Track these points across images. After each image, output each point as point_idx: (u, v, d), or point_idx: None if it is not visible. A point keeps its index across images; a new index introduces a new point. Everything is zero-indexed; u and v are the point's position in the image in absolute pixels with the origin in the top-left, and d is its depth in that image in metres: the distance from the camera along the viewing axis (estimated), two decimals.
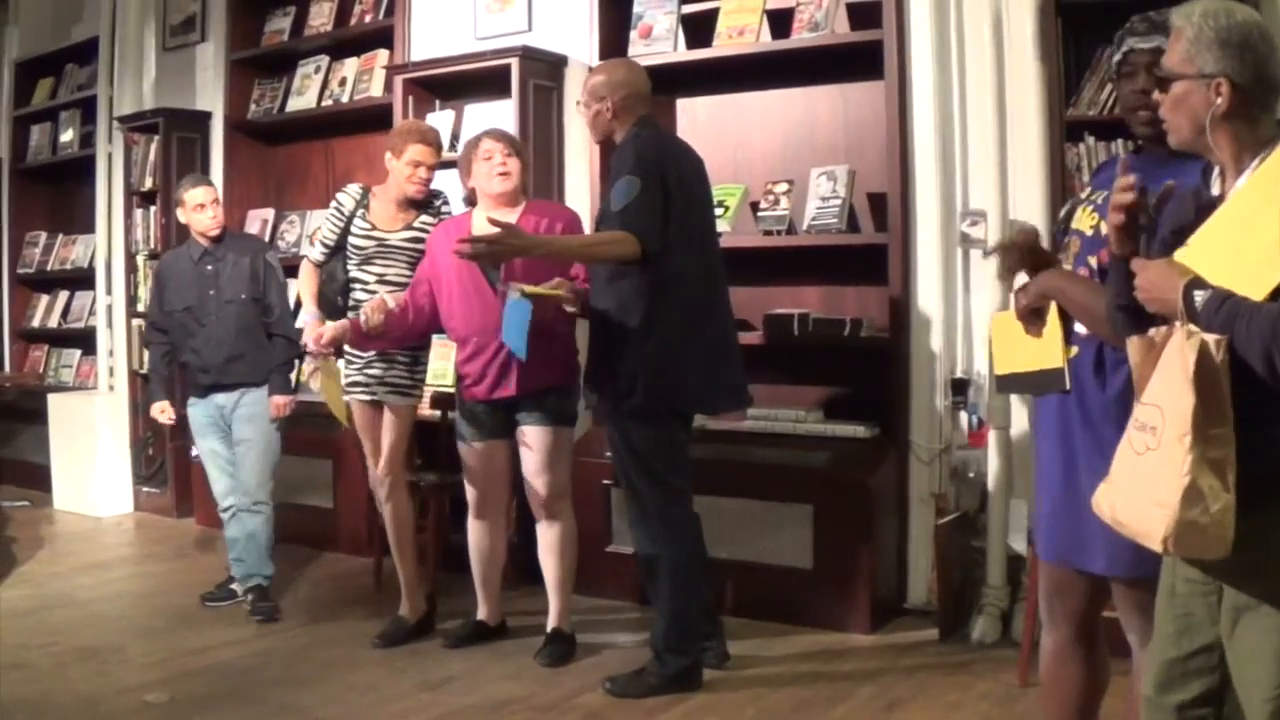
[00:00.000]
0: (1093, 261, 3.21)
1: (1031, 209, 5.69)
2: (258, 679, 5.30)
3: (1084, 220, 3.30)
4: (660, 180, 4.84)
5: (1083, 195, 3.47)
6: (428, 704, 4.99)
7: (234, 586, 6.48)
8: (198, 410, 6.46)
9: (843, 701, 4.97)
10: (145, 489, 8.89)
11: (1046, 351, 3.28)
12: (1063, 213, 3.61)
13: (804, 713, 4.87)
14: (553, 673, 5.35)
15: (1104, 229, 3.17)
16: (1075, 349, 3.24)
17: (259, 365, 6.42)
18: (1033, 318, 3.32)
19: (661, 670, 5.05)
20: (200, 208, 6.38)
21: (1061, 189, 5.49)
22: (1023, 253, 3.46)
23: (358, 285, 5.79)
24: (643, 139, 4.96)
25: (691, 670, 5.09)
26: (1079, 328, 3.23)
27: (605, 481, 6.41)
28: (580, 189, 7.07)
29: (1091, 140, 5.47)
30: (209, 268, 6.40)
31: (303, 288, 6.03)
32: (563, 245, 5.13)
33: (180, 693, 5.10)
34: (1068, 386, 3.25)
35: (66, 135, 10.20)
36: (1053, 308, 3.28)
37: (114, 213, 9.38)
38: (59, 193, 10.66)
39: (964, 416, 6.05)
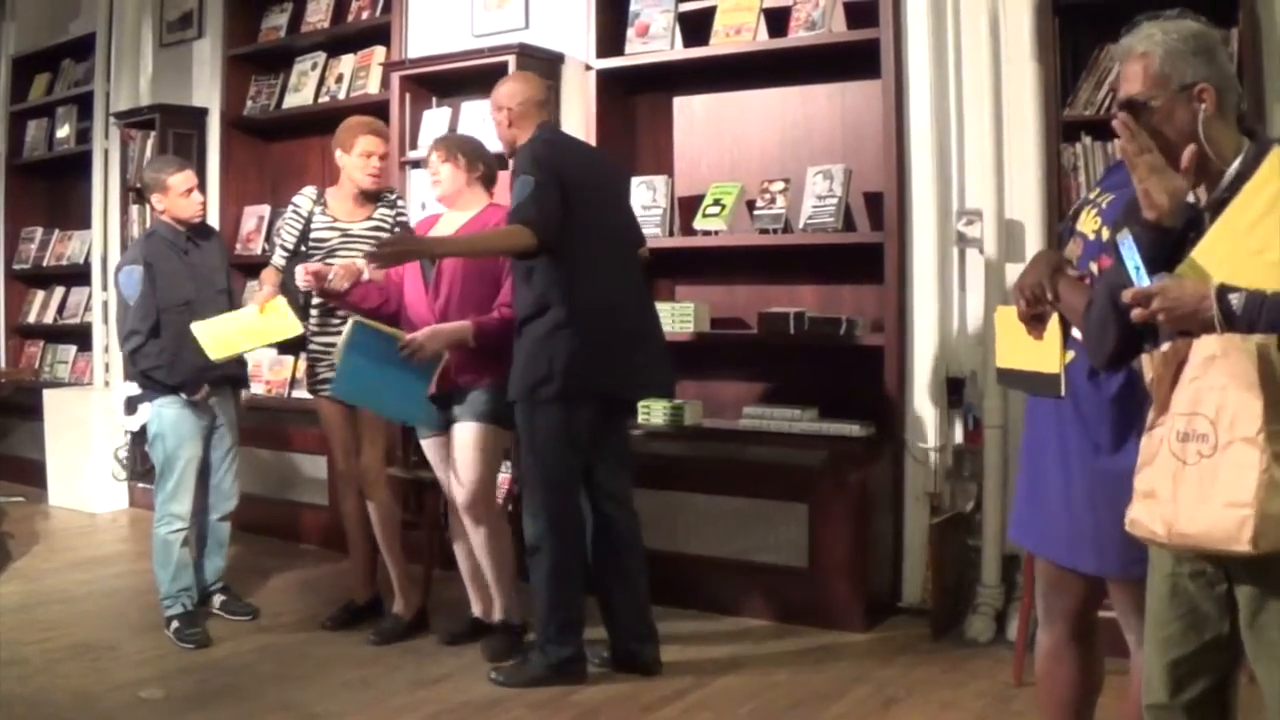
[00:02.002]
0: (1094, 267, 3.21)
1: (1027, 209, 5.70)
2: (253, 675, 5.30)
3: (1087, 223, 3.30)
4: (556, 177, 4.96)
5: (1090, 196, 3.47)
6: (423, 701, 5.00)
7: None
8: (188, 414, 5.96)
9: (838, 700, 4.98)
10: (140, 485, 8.88)
11: (1045, 355, 3.28)
12: (1070, 211, 3.61)
13: (799, 711, 4.87)
14: None
15: (1105, 235, 3.18)
16: (1073, 353, 3.23)
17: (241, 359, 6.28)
18: (1034, 321, 3.32)
19: (544, 660, 5.15)
20: (188, 192, 6.10)
21: (1058, 189, 5.50)
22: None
23: None
24: (538, 142, 5.12)
25: (573, 661, 5.17)
26: (1077, 333, 3.23)
27: None
28: None
29: (1088, 140, 5.46)
30: (195, 258, 6.15)
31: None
32: (454, 244, 5.33)
33: (175, 689, 5.10)
34: (1062, 393, 3.25)
35: (63, 131, 10.19)
36: (1055, 313, 3.28)
37: (110, 208, 9.39)
38: (55, 188, 10.65)
39: (959, 415, 6.05)
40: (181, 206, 6.11)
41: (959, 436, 6.06)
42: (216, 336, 5.69)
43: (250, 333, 5.79)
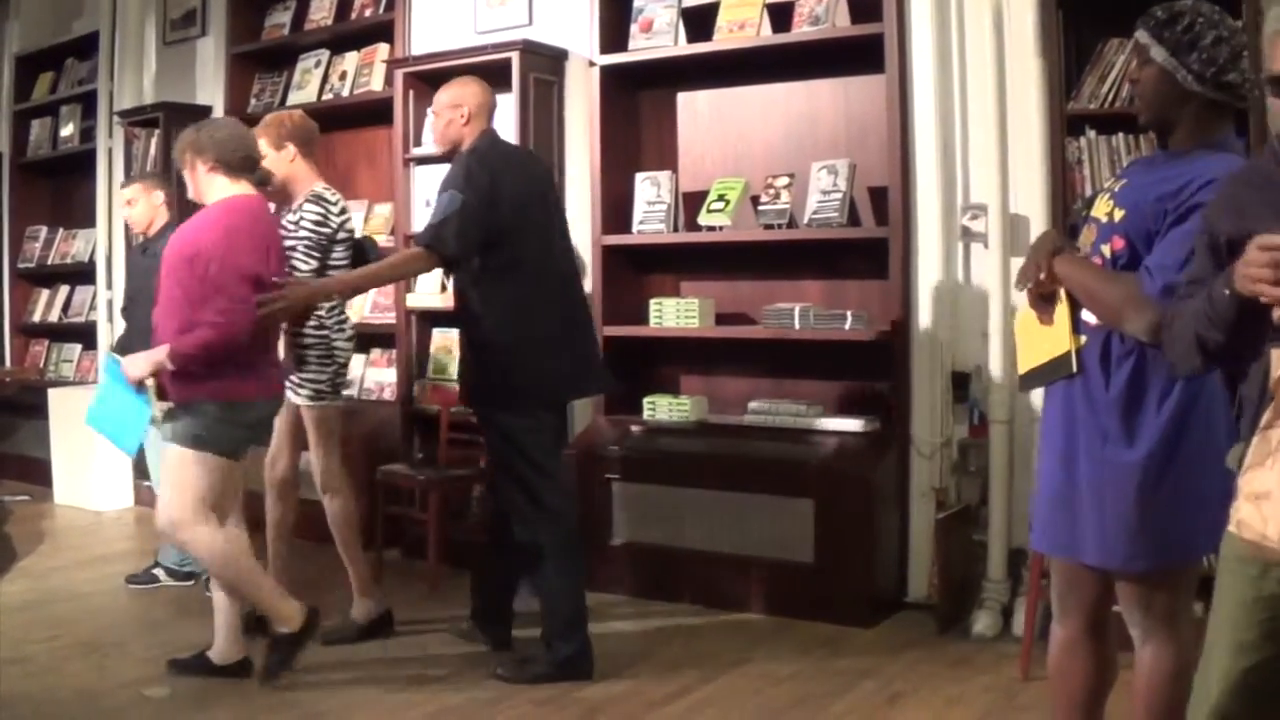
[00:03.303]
0: (1105, 250, 3.20)
1: (1032, 203, 5.69)
2: (256, 673, 5.29)
3: (1101, 208, 3.29)
4: (488, 196, 5.03)
5: (1105, 184, 3.47)
6: (426, 698, 4.99)
7: (156, 571, 6.70)
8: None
9: (843, 695, 4.97)
10: (145, 483, 8.87)
11: (1056, 338, 3.28)
12: (1085, 198, 3.61)
13: (805, 706, 4.87)
14: None
15: (1117, 217, 3.18)
16: (1084, 338, 3.23)
17: None
18: (1043, 304, 3.31)
19: (551, 658, 5.15)
20: (128, 204, 6.73)
21: (1063, 183, 5.48)
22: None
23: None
24: (477, 153, 5.20)
25: (579, 657, 5.16)
26: (1088, 317, 3.23)
27: (609, 476, 6.42)
28: (581, 180, 7.07)
29: (1092, 134, 5.45)
30: (141, 262, 6.43)
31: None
32: (342, 282, 5.37)
33: (179, 687, 5.09)
34: (1075, 369, 3.24)
35: (67, 130, 10.20)
36: (1062, 293, 3.27)
37: (114, 207, 9.33)
38: (59, 187, 10.66)
39: (965, 410, 6.04)
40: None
41: (964, 431, 6.05)
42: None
43: None
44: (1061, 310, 3.27)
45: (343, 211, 5.63)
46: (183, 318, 4.84)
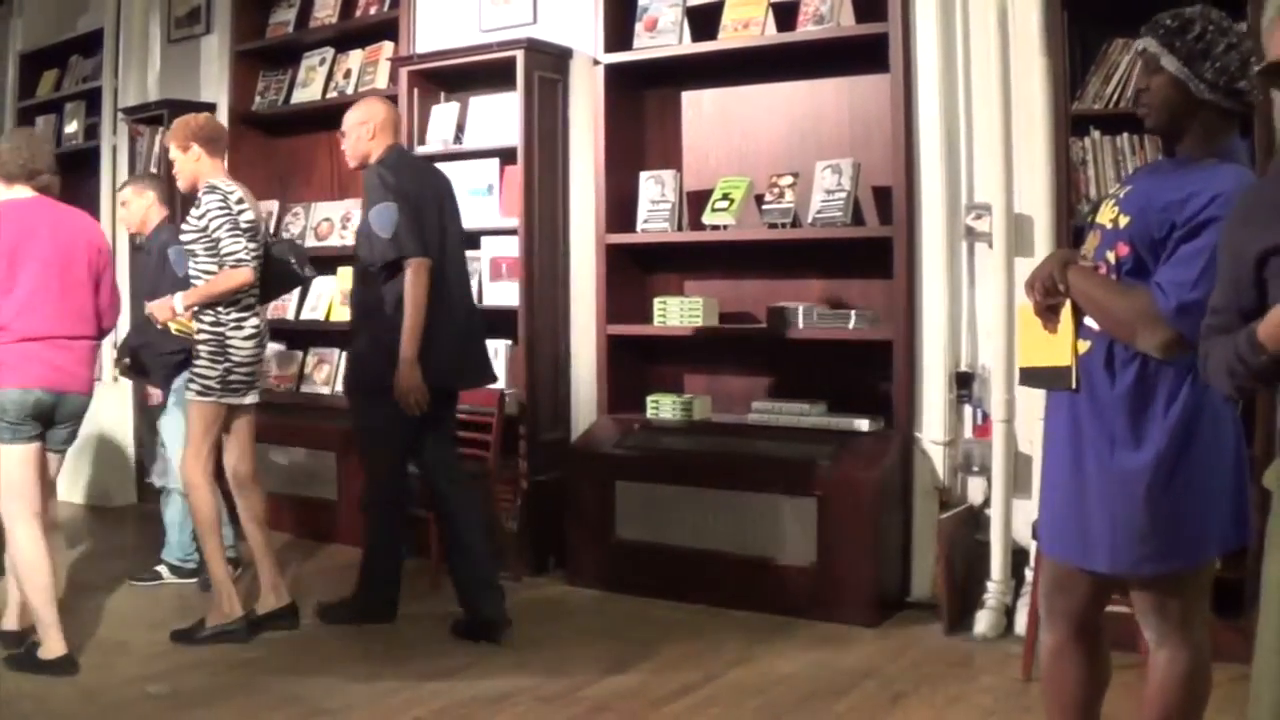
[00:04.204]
0: (1110, 256, 3.20)
1: (1036, 203, 5.68)
2: (260, 670, 5.30)
3: (1106, 214, 3.29)
4: (410, 201, 5.61)
5: (1110, 190, 3.47)
6: (432, 695, 5.00)
7: (159, 568, 6.79)
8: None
9: (846, 695, 4.97)
10: (149, 480, 8.88)
11: (1058, 348, 3.29)
12: (1089, 208, 3.61)
13: (808, 706, 4.87)
14: (558, 663, 5.35)
15: (1122, 223, 3.18)
16: (1088, 344, 3.23)
17: None
18: (1049, 314, 3.31)
19: (365, 597, 5.94)
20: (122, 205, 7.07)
21: (1067, 183, 5.48)
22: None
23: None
24: (386, 164, 5.74)
25: (385, 603, 5.94)
26: (1091, 322, 3.23)
27: (612, 474, 6.47)
28: (585, 179, 7.07)
29: (1097, 134, 5.46)
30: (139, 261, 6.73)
31: None
32: (407, 345, 5.57)
33: (182, 684, 5.10)
34: (1074, 385, 3.25)
35: (71, 127, 10.18)
36: (1067, 305, 3.27)
37: (118, 204, 9.37)
38: (64, 184, 10.38)
39: (968, 410, 6.05)
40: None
41: (968, 431, 6.06)
42: None
43: None
44: (1066, 323, 3.27)
45: (240, 201, 5.72)
46: None
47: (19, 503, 5.15)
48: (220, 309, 5.61)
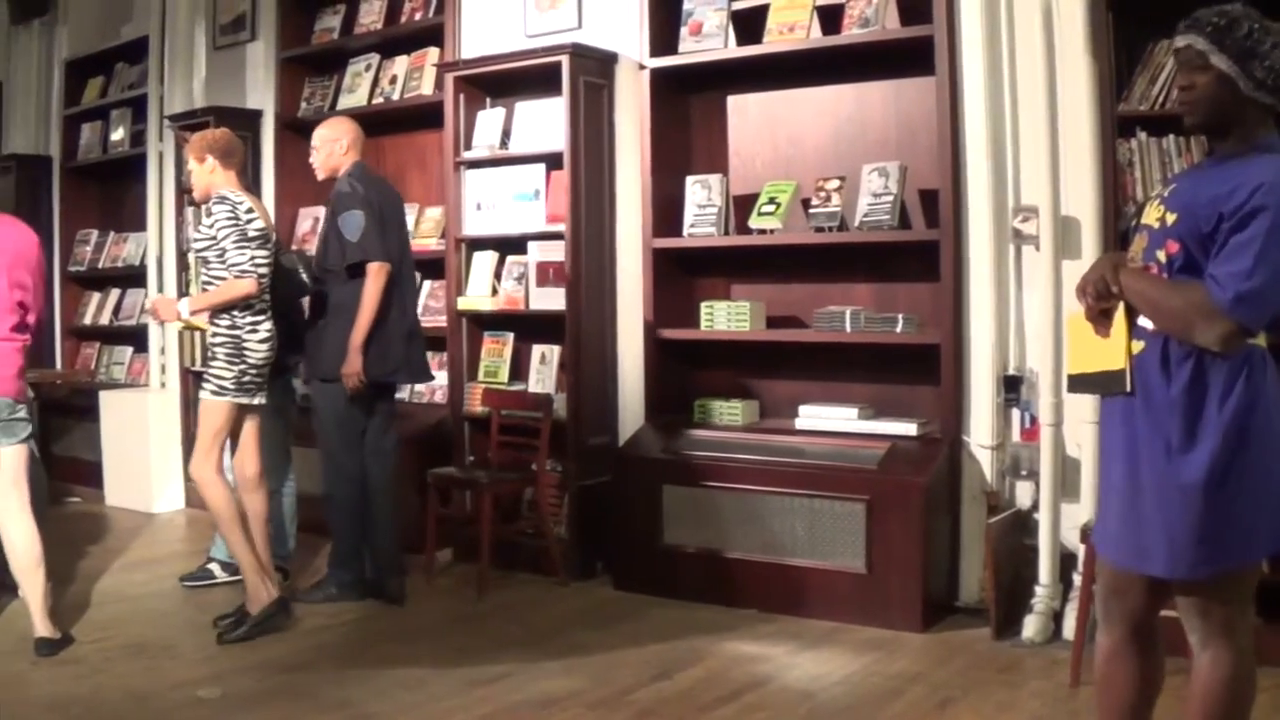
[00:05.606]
0: (1160, 255, 3.19)
1: (1083, 205, 5.65)
2: (308, 674, 5.32)
3: (1151, 215, 3.28)
4: (377, 211, 6.26)
5: (1154, 192, 3.46)
6: (478, 700, 5.00)
7: (210, 566, 6.86)
8: None
9: (894, 700, 4.96)
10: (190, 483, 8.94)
11: (1112, 352, 3.27)
12: (1135, 205, 3.60)
13: (855, 711, 4.86)
14: (605, 668, 5.35)
15: (1169, 221, 3.16)
16: (1142, 344, 3.22)
17: None
18: (1101, 318, 3.30)
19: (335, 580, 6.44)
20: None
21: (1114, 184, 5.46)
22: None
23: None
24: (353, 177, 6.38)
25: (354, 583, 6.45)
26: (1145, 322, 3.21)
27: (659, 479, 6.46)
28: (631, 184, 7.08)
29: (1143, 135, 5.43)
30: None
31: None
32: (357, 335, 6.22)
33: (231, 688, 5.12)
34: (1129, 388, 3.24)
35: (117, 134, 10.26)
36: (1120, 308, 3.26)
37: (165, 211, 9.46)
38: (110, 191, 10.73)
39: (1016, 413, 6.02)
40: None
41: (1016, 434, 6.03)
42: None
43: None
44: (1119, 326, 3.26)
45: (249, 211, 5.93)
46: None
47: None
48: (236, 313, 5.84)
